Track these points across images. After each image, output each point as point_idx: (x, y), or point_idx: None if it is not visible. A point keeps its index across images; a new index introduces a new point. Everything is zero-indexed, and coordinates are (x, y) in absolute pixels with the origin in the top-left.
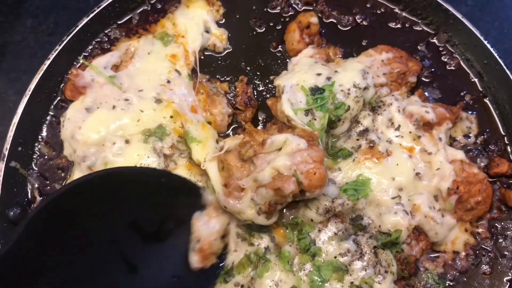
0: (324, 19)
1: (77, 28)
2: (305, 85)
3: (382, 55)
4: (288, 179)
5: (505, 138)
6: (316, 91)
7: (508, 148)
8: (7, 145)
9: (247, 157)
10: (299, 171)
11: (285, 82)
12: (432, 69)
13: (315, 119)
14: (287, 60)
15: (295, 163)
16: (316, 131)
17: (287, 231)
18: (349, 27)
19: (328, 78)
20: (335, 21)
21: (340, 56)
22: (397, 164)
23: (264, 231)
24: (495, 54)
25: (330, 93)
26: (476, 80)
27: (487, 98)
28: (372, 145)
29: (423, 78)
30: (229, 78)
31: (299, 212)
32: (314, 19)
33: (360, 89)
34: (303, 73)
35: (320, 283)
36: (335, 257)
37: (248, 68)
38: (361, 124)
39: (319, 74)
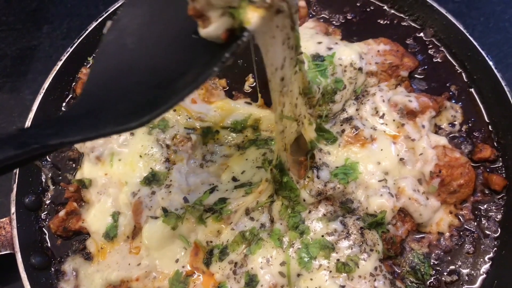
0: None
1: (87, 32)
2: (306, 52)
3: (380, 46)
4: None
5: (489, 126)
6: (317, 58)
7: (492, 135)
8: None
9: None
10: None
11: None
12: (425, 66)
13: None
14: None
15: None
16: None
17: (282, 206)
18: (339, 24)
19: (329, 49)
20: (326, 17)
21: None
22: (382, 150)
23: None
24: (478, 47)
25: (330, 63)
26: (461, 71)
27: (472, 88)
28: (356, 130)
29: (416, 75)
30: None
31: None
32: (302, 3)
33: (356, 70)
34: (304, 41)
35: (307, 260)
36: (323, 236)
37: (245, 65)
38: (346, 112)
39: (320, 43)
